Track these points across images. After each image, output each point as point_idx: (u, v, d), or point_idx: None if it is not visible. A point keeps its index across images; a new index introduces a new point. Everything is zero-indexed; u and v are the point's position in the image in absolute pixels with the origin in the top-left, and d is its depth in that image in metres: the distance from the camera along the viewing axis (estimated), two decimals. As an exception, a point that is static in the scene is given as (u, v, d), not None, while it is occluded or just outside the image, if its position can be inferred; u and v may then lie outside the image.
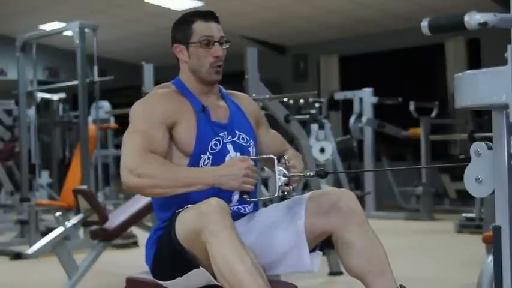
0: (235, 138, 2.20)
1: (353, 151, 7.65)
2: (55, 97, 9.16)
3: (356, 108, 8.39)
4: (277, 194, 2.03)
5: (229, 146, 2.17)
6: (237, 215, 2.14)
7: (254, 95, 3.95)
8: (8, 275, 4.94)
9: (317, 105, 6.52)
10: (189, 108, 2.16)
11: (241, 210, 2.18)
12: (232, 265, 1.83)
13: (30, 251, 4.10)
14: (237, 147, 2.19)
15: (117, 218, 4.11)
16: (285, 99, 4.42)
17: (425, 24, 1.34)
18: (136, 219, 4.24)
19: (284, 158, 2.09)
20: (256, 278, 1.83)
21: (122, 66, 12.10)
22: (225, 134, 2.18)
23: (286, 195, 2.07)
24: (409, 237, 6.49)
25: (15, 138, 7.88)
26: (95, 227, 4.03)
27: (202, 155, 2.12)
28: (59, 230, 4.02)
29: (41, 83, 9.12)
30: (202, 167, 2.11)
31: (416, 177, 8.25)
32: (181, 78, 2.25)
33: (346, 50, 10.62)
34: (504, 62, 1.27)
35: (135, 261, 4.38)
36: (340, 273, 4.29)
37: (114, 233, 4.04)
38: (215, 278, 1.91)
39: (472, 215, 6.42)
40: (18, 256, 5.39)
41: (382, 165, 8.80)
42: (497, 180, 1.33)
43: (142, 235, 5.05)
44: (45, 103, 9.28)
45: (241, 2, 9.05)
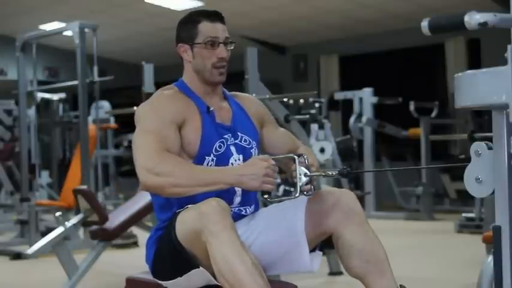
0: (237, 140, 2.18)
1: (353, 151, 7.64)
2: (55, 97, 9.16)
3: (356, 108, 8.38)
4: (298, 194, 1.99)
5: (233, 148, 2.16)
6: (237, 217, 2.13)
7: (254, 95, 3.95)
8: (8, 275, 4.94)
9: (317, 105, 6.51)
10: (195, 109, 2.15)
11: (242, 212, 2.18)
12: (232, 265, 1.83)
13: (30, 251, 4.09)
14: (239, 150, 2.18)
15: (117, 218, 4.10)
16: (285, 99, 4.43)
17: (425, 24, 1.34)
18: (136, 219, 4.24)
19: (303, 157, 2.03)
20: (256, 278, 1.83)
21: (121, 66, 12.10)
22: (229, 136, 2.17)
23: (307, 195, 2.03)
24: (409, 237, 6.49)
25: (15, 138, 7.87)
26: (95, 227, 4.03)
27: (206, 157, 2.10)
28: (59, 230, 4.02)
29: (41, 83, 9.12)
30: None
31: (416, 177, 8.25)
32: (184, 79, 2.24)
33: (346, 50, 10.62)
34: (504, 62, 1.27)
35: (135, 261, 4.38)
36: (340, 273, 4.28)
37: (114, 233, 4.04)
38: (215, 278, 1.91)
39: (472, 215, 6.42)
40: (18, 256, 5.39)
41: (382, 165, 8.80)
42: (497, 180, 1.33)
43: (142, 235, 5.05)
44: (45, 103, 9.27)
45: (241, 2, 9.04)
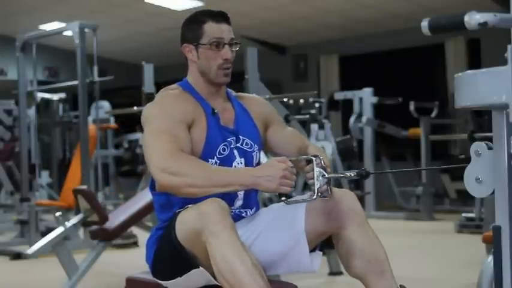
0: (239, 144, 2.17)
1: (353, 151, 7.63)
2: (55, 97, 9.16)
3: (356, 108, 8.38)
4: (315, 196, 1.96)
5: (235, 152, 2.15)
6: (238, 218, 2.13)
7: (254, 95, 3.95)
8: (8, 275, 4.94)
9: (317, 105, 6.52)
10: (201, 110, 2.13)
11: (243, 214, 2.18)
12: (232, 265, 1.82)
13: (30, 251, 4.09)
14: (241, 153, 2.17)
15: (117, 218, 4.10)
16: (285, 99, 4.44)
17: (425, 24, 1.34)
18: (136, 219, 4.24)
19: (319, 158, 2.00)
20: (256, 278, 1.83)
21: (121, 66, 12.10)
22: (233, 139, 2.15)
23: (322, 196, 2.00)
24: (409, 237, 6.49)
25: (15, 138, 7.87)
26: (95, 227, 4.02)
27: (210, 159, 2.09)
28: (59, 230, 4.01)
29: (41, 83, 9.12)
30: None
31: (416, 177, 8.25)
32: (189, 80, 2.22)
33: (346, 50, 10.62)
34: (504, 62, 1.27)
35: (135, 261, 4.39)
36: (340, 273, 4.28)
37: (114, 233, 4.03)
38: (215, 278, 1.91)
39: (472, 215, 6.42)
40: (18, 256, 5.38)
41: (382, 165, 8.80)
42: (497, 180, 1.33)
43: (143, 235, 5.05)
44: (45, 103, 9.27)
45: (241, 2, 9.04)
